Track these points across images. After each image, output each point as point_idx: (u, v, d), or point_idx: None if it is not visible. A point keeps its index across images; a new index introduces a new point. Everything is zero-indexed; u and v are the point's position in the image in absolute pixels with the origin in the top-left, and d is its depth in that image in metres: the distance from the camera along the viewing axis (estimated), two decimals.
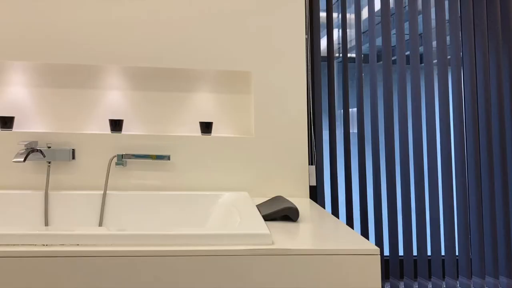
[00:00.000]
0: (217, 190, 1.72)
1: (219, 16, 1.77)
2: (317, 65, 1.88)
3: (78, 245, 0.92)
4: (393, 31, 2.03)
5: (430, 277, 1.99)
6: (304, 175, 1.75)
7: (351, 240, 1.04)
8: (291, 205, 1.26)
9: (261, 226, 1.02)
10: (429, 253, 2.04)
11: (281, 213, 1.24)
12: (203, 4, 1.76)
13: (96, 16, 1.71)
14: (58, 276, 0.89)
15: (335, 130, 1.88)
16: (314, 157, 1.84)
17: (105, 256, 0.90)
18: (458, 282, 1.99)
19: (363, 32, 2.20)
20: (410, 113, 2.02)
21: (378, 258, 0.97)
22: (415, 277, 1.98)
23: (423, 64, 2.05)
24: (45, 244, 0.91)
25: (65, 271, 0.89)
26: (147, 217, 1.57)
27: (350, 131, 1.97)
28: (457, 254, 1.99)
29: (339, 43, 2.07)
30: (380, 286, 0.97)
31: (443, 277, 1.99)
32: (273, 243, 0.97)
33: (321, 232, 1.13)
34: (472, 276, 2.00)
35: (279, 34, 1.79)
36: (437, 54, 2.04)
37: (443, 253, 2.07)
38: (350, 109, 1.98)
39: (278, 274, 0.94)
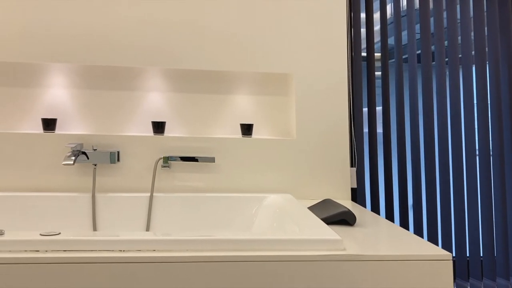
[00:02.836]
0: (259, 192, 1.72)
1: (260, 18, 1.76)
2: (358, 65, 1.87)
3: (154, 250, 0.92)
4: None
5: (468, 278, 1.99)
6: (346, 177, 1.75)
7: (418, 245, 1.04)
8: (347, 209, 1.26)
9: (329, 232, 1.02)
10: (467, 254, 2.03)
11: (338, 217, 1.24)
12: (243, 7, 1.76)
13: (136, 18, 1.72)
14: (135, 282, 0.89)
15: (376, 131, 1.87)
16: (355, 159, 1.84)
17: (183, 262, 0.90)
18: (496, 284, 1.98)
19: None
20: (449, 112, 2.01)
21: (450, 263, 0.97)
22: (454, 278, 1.97)
23: (460, 56, 2.02)
24: (122, 249, 0.92)
25: (141, 277, 0.90)
26: (193, 219, 1.57)
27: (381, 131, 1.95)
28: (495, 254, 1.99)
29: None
30: None
31: (482, 277, 1.98)
32: (345, 249, 0.97)
33: (382, 236, 1.13)
34: (510, 277, 1.99)
35: (320, 35, 1.78)
36: (474, 49, 2.02)
37: (481, 254, 2.06)
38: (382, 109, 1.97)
39: (351, 280, 0.94)
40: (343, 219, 1.25)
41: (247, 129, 1.77)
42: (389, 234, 1.16)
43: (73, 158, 1.48)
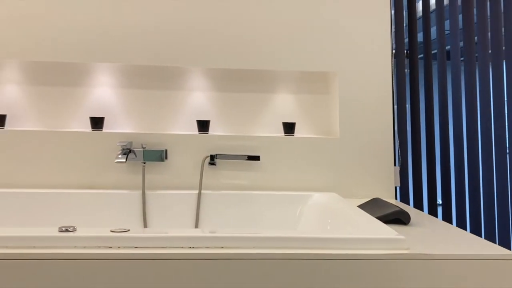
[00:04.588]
0: (302, 190, 1.72)
1: (302, 16, 1.77)
2: (401, 63, 1.86)
3: (222, 247, 0.95)
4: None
5: None
6: (390, 176, 1.74)
7: (479, 244, 1.04)
8: (400, 208, 1.26)
9: (390, 230, 1.03)
10: None
11: (393, 216, 1.25)
12: (286, 6, 1.77)
13: (179, 19, 1.74)
14: (204, 277, 0.92)
15: (420, 129, 1.86)
16: (399, 158, 1.83)
17: (251, 258, 0.92)
18: None
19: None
20: (492, 109, 1.97)
21: None
22: None
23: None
24: (191, 246, 0.94)
25: (210, 273, 0.92)
26: (240, 216, 1.59)
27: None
28: None
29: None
30: None
31: None
32: (408, 248, 0.98)
33: (440, 235, 1.13)
34: None
35: (364, 33, 1.77)
36: (504, 44, 1.97)
37: None
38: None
39: (414, 280, 0.94)
40: (396, 218, 1.26)
41: (289, 128, 1.78)
42: (445, 233, 1.15)
43: (125, 156, 1.53)
